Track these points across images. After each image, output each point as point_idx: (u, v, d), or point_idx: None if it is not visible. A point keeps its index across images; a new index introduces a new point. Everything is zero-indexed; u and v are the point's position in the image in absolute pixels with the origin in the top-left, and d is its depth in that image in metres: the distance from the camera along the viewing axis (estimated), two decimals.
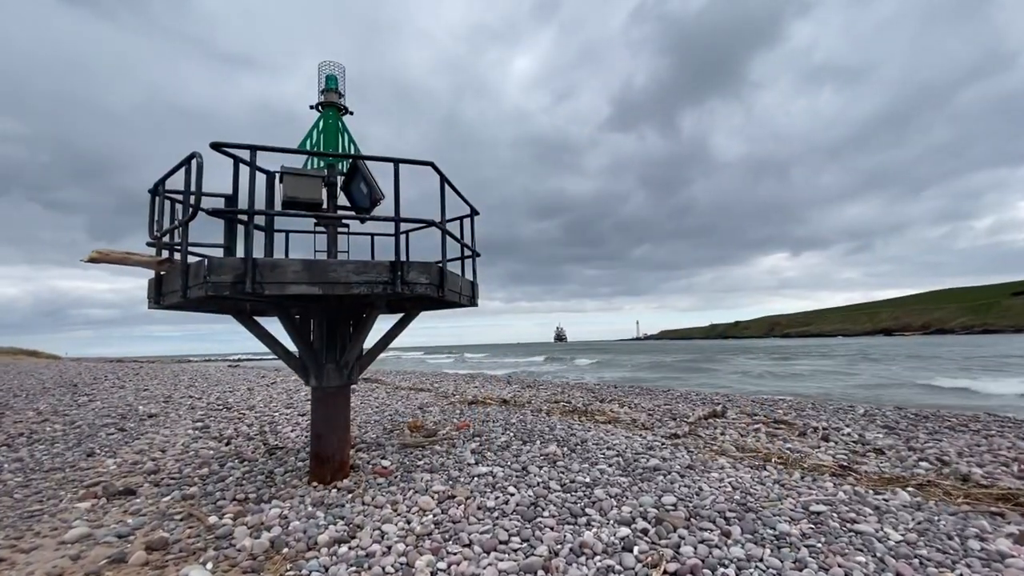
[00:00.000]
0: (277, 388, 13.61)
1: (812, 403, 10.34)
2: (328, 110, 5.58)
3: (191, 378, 18.28)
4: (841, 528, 3.00)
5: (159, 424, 8.63)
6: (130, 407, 10.90)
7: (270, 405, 10.30)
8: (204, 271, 3.68)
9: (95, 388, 15.98)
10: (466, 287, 5.39)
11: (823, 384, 18.16)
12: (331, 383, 4.94)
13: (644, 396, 11.44)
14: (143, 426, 8.49)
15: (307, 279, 3.90)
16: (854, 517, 3.16)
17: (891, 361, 29.70)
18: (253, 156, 3.82)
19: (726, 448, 5.05)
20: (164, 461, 5.94)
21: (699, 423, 6.90)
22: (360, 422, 7.55)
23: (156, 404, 11.30)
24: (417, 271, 4.19)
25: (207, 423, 8.47)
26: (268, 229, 4.79)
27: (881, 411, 9.04)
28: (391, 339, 5.61)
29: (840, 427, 7.03)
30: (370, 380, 14.40)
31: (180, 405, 11.06)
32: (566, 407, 7.94)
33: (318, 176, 5.12)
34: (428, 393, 10.94)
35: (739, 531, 3.02)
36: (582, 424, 6.52)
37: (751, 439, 5.88)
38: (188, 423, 8.61)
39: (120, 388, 15.63)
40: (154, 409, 10.46)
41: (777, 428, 6.75)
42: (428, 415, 7.70)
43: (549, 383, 15.69)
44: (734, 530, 3.02)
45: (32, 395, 14.57)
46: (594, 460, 4.64)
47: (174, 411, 10.22)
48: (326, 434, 4.95)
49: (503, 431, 6.12)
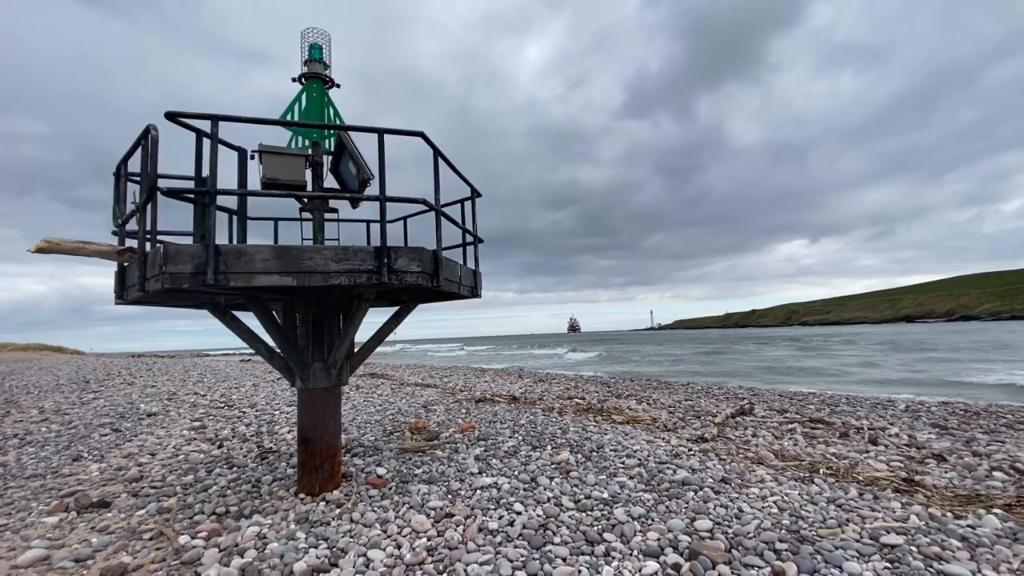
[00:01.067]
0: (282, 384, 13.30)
1: (846, 397, 9.63)
2: (312, 82, 5.04)
3: (200, 374, 18.15)
4: (926, 569, 2.40)
5: (156, 424, 8.30)
6: (132, 405, 10.65)
7: (272, 403, 9.95)
8: (160, 261, 3.19)
9: (105, 384, 15.90)
10: (467, 276, 4.85)
11: (850, 375, 17.31)
12: (318, 384, 4.46)
13: (663, 391, 10.83)
14: (140, 426, 8.17)
15: (278, 268, 3.39)
16: (939, 552, 2.55)
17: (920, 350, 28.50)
18: (215, 128, 3.30)
19: (763, 455, 4.46)
20: (151, 466, 5.56)
21: (727, 422, 6.29)
22: (360, 422, 7.11)
23: (159, 402, 11.04)
24: (407, 258, 3.65)
25: (205, 423, 8.11)
26: (240, 214, 4.29)
27: (925, 407, 8.31)
28: (386, 334, 5.11)
29: (884, 425, 6.37)
30: (376, 375, 14.02)
31: (183, 403, 10.78)
32: (580, 405, 7.38)
33: (301, 155, 4.60)
34: (435, 389, 10.47)
35: (795, 570, 2.44)
36: (597, 425, 5.96)
37: (788, 442, 5.27)
38: (186, 422, 8.27)
39: (129, 384, 15.52)
40: (155, 407, 10.18)
41: (814, 428, 6.11)
42: (432, 414, 7.21)
43: (562, 377, 15.14)
44: (789, 569, 2.44)
45: (43, 392, 14.52)
46: (612, 471, 4.08)
47: (175, 409, 9.92)
48: (314, 440, 4.48)
49: (511, 434, 5.59)
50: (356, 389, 10.89)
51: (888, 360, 22.50)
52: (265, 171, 4.32)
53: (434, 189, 4.10)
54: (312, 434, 4.48)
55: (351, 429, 6.81)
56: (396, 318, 5.13)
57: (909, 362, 21.00)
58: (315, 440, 4.47)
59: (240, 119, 3.40)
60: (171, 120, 3.32)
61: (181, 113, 3.31)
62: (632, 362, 27.57)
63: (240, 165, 4.19)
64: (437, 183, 4.09)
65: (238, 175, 4.19)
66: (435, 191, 4.10)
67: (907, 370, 17.86)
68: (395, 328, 5.15)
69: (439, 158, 4.10)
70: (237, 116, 3.39)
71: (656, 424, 6.21)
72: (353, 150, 4.95)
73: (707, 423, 6.25)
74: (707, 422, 6.36)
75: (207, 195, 3.31)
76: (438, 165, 4.11)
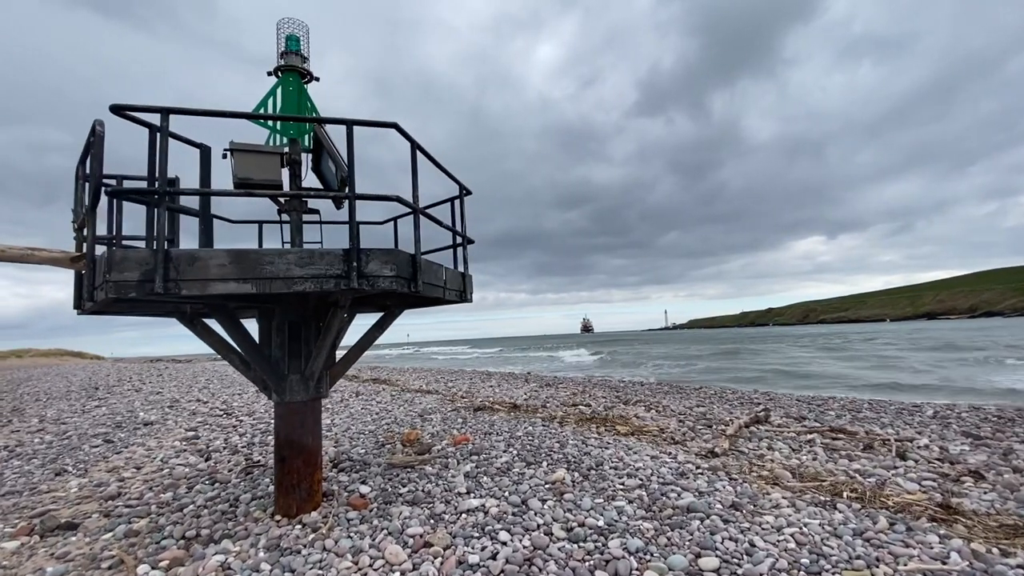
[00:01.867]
0: None
1: (868, 402, 9.08)
2: (288, 75, 4.76)
3: (208, 379, 18.10)
4: None
5: (151, 434, 8.12)
6: (132, 413, 10.53)
7: (271, 411, 9.73)
8: (104, 268, 2.91)
9: (113, 391, 15.91)
10: (453, 279, 4.52)
11: (870, 377, 16.62)
12: (295, 397, 4.17)
13: (673, 396, 10.38)
14: (134, 436, 7.99)
15: (236, 275, 3.09)
16: None
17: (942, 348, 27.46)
18: (164, 121, 3.02)
19: (779, 473, 4.03)
20: (132, 482, 5.34)
21: (740, 432, 5.86)
22: (354, 433, 6.81)
23: (159, 410, 10.92)
24: (379, 261, 3.33)
25: (200, 432, 7.90)
26: (204, 216, 4.00)
27: (955, 412, 7.76)
28: (369, 342, 4.80)
29: (911, 435, 5.88)
30: (379, 381, 13.76)
31: (183, 411, 10.64)
32: (582, 415, 6.99)
33: (276, 153, 4.31)
34: (435, 396, 10.15)
35: None
36: (599, 438, 5.58)
37: (806, 456, 4.83)
38: (181, 432, 8.07)
39: (136, 391, 15.49)
40: (154, 416, 10.04)
41: (836, 438, 5.65)
42: (428, 424, 6.89)
43: (570, 381, 14.72)
44: None
45: (51, 399, 14.55)
46: (611, 493, 3.70)
47: (174, 418, 9.76)
48: (291, 458, 4.19)
49: (506, 447, 5.24)
50: (356, 396, 10.64)
51: (910, 359, 21.65)
52: (237, 170, 4.04)
53: (412, 186, 3.78)
54: (288, 451, 4.19)
55: (343, 440, 6.52)
56: (380, 325, 4.82)
57: (932, 361, 20.16)
58: (292, 458, 4.18)
59: (193, 111, 3.11)
60: (116, 114, 3.04)
61: (127, 106, 3.03)
62: (643, 364, 27.02)
63: (203, 163, 3.91)
64: (415, 179, 3.76)
65: (200, 173, 3.90)
66: (413, 188, 3.77)
67: (931, 370, 17.10)
68: (379, 336, 4.84)
69: (416, 151, 3.77)
70: (188, 108, 3.10)
71: (663, 435, 5.81)
72: (330, 146, 4.65)
73: (719, 434, 5.83)
74: (719, 432, 5.93)
75: (156, 195, 3.02)
76: (416, 160, 3.79)
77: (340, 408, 9.13)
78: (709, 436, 5.81)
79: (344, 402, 9.85)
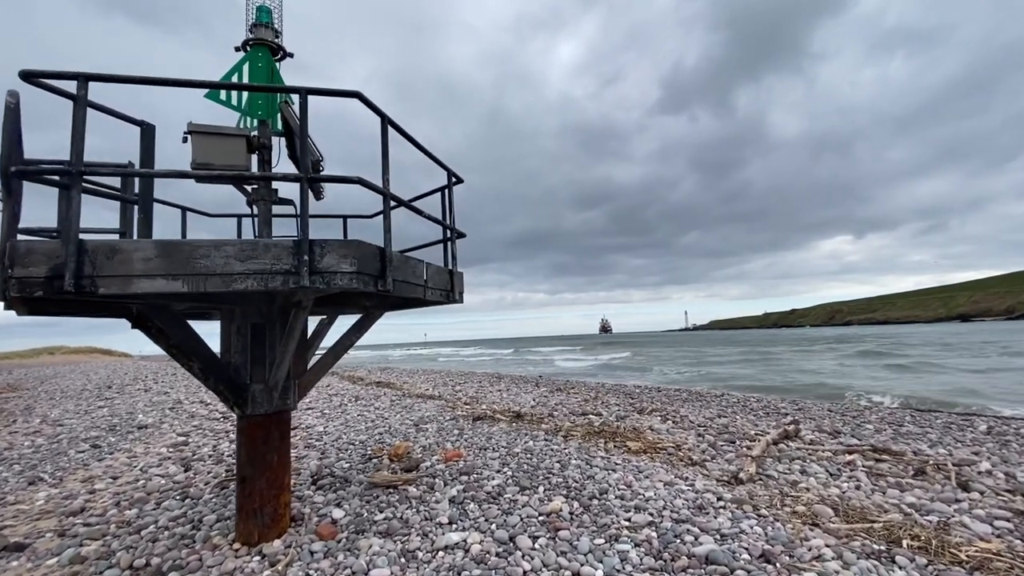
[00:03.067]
0: None
1: (910, 414, 8.25)
2: (258, 49, 4.30)
3: None
4: None
5: (141, 438, 7.81)
6: (130, 415, 10.31)
7: None
8: (7, 263, 2.45)
9: (123, 390, 15.88)
10: (437, 278, 3.98)
11: (905, 383, 15.55)
12: (258, 410, 3.69)
13: (692, 404, 9.67)
14: (124, 441, 7.69)
15: (164, 270, 2.60)
16: None
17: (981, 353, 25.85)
18: (83, 89, 2.55)
19: (817, 509, 3.38)
20: (102, 495, 4.96)
21: (768, 451, 5.19)
22: (344, 443, 6.34)
23: (159, 412, 10.68)
24: (336, 255, 2.81)
25: (191, 437, 7.54)
26: (143, 203, 3.54)
27: (1012, 426, 6.92)
28: (346, 347, 4.32)
29: (968, 456, 5.13)
30: (383, 384, 13.34)
31: (182, 412, 10.37)
32: (590, 426, 6.37)
33: (240, 136, 3.83)
34: (437, 402, 9.64)
35: None
36: (606, 456, 4.97)
37: (847, 484, 4.15)
38: (172, 437, 7.73)
39: (145, 391, 15.43)
40: (152, 418, 9.78)
41: (879, 460, 4.94)
42: (422, 435, 6.38)
43: (583, 385, 14.08)
44: None
45: (64, 398, 14.55)
46: (614, 531, 3.11)
47: (171, 420, 9.47)
48: (253, 479, 3.71)
49: (500, 466, 4.68)
50: (355, 400, 10.20)
51: (947, 363, 20.34)
52: (195, 154, 3.58)
53: (382, 168, 3.25)
54: (250, 471, 3.71)
55: (330, 451, 6.05)
56: (358, 328, 4.32)
57: (972, 366, 18.86)
58: (254, 479, 3.70)
59: (114, 78, 2.64)
60: (27, 81, 2.58)
61: (40, 72, 2.56)
62: (661, 367, 26.14)
63: (144, 143, 3.45)
64: (385, 160, 3.23)
65: (141, 155, 3.44)
66: (383, 170, 3.24)
67: (972, 375, 15.92)
68: (357, 339, 4.34)
69: (387, 127, 3.24)
70: (111, 75, 2.63)
71: (680, 454, 5.17)
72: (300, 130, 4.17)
73: (743, 453, 5.17)
74: (743, 451, 5.27)
75: (68, 176, 2.55)
76: (386, 136, 3.26)
77: (337, 414, 8.70)
78: (732, 455, 5.15)
79: (342, 407, 9.42)
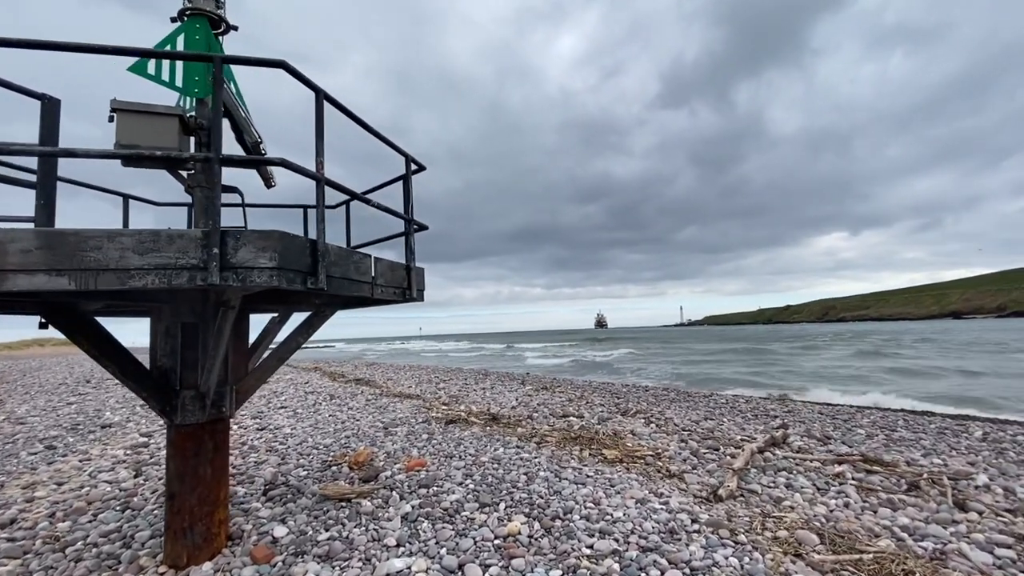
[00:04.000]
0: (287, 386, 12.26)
1: (903, 418, 7.96)
2: (195, 20, 3.87)
3: None
4: None
5: (101, 438, 7.41)
6: (98, 412, 9.88)
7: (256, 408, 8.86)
8: None
9: (101, 384, 15.38)
10: (390, 274, 3.60)
11: (895, 382, 15.35)
12: (189, 419, 3.33)
13: (679, 405, 9.36)
14: (83, 441, 7.29)
15: (46, 264, 2.23)
16: None
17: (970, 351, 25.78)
18: None
19: (801, 536, 3.04)
20: (39, 504, 4.58)
21: (753, 460, 4.86)
22: (307, 448, 5.97)
23: (129, 408, 10.24)
24: (253, 247, 2.43)
25: (152, 439, 7.14)
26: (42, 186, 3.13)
27: (1009, 434, 6.64)
28: (291, 350, 3.93)
29: (964, 467, 4.83)
30: (362, 382, 12.95)
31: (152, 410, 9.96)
32: (567, 432, 6.01)
33: (172, 115, 3.40)
34: (414, 402, 9.27)
35: None
36: (579, 466, 4.63)
37: (836, 501, 3.83)
38: (134, 438, 7.33)
39: (121, 386, 14.96)
40: (119, 416, 9.36)
41: (870, 471, 4.63)
42: (390, 439, 6.01)
43: (568, 383, 13.76)
44: None
45: (40, 392, 14.05)
46: (573, 562, 2.76)
47: (137, 419, 9.06)
48: (182, 495, 3.35)
49: (463, 478, 4.33)
50: (330, 399, 9.82)
51: (933, 360, 20.20)
52: (120, 134, 3.16)
53: (316, 150, 2.87)
54: (179, 486, 3.34)
55: (291, 456, 5.68)
56: (307, 327, 3.93)
57: (960, 365, 18.70)
58: (184, 494, 3.34)
59: None
60: None
61: None
62: (652, 364, 25.92)
63: (44, 119, 3.04)
64: (320, 138, 2.84)
65: (41, 133, 3.03)
66: (316, 152, 2.85)
67: (960, 375, 15.75)
68: (305, 339, 3.96)
69: (323, 102, 2.85)
70: None
71: (658, 462, 4.84)
72: (233, 106, 3.77)
73: (726, 463, 4.84)
74: (726, 460, 4.95)
75: None
76: (322, 113, 2.87)
77: (309, 414, 8.32)
78: (715, 465, 4.82)
79: (316, 406, 9.04)
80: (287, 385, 12.89)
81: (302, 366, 21.10)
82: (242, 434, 7.10)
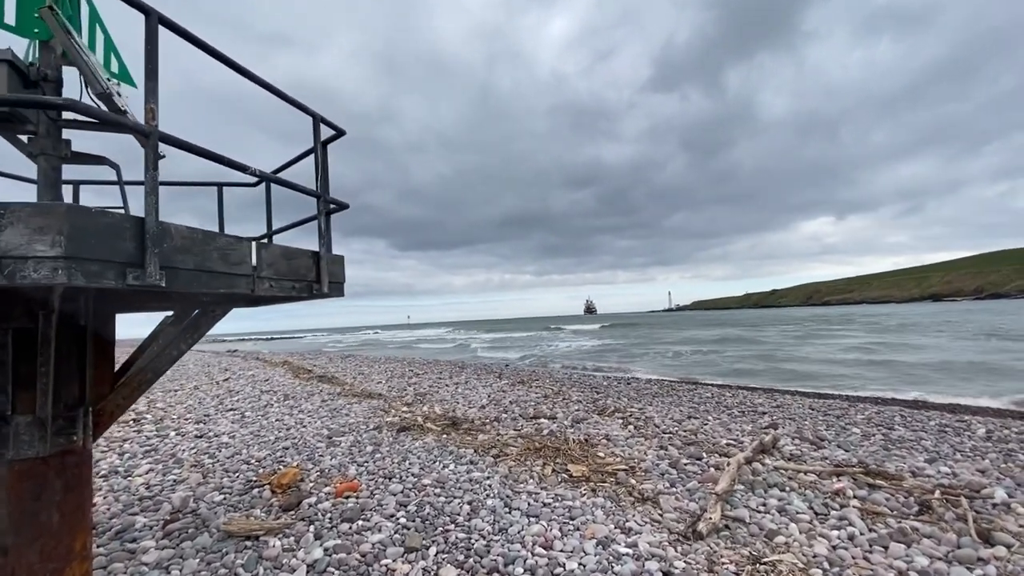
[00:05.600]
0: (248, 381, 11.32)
1: (900, 413, 7.44)
2: None
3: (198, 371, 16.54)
4: None
5: None
6: None
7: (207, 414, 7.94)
8: None
9: None
10: (285, 265, 2.84)
11: (884, 369, 14.98)
12: (25, 452, 2.56)
13: (662, 400, 8.75)
14: None
15: None
16: None
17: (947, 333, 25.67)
18: None
19: None
20: None
21: (739, 476, 4.23)
22: (238, 462, 5.22)
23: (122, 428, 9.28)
24: (27, 228, 1.65)
25: None
26: None
27: (1015, 431, 6.12)
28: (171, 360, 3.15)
29: (972, 476, 4.26)
30: (325, 379, 12.15)
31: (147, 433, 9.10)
32: (531, 442, 5.30)
33: None
34: (374, 402, 8.53)
35: None
36: (536, 489, 3.95)
37: (837, 532, 3.21)
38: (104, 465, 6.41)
39: None
40: None
41: (873, 487, 4.02)
42: (330, 452, 5.28)
43: (547, 376, 13.11)
44: None
45: None
46: None
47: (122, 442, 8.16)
48: (18, 548, 2.59)
49: (396, 508, 3.62)
50: (283, 400, 9.04)
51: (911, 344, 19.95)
52: None
53: (145, 93, 2.08)
54: (15, 538, 2.58)
55: (215, 472, 4.94)
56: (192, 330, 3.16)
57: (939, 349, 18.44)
58: (20, 548, 2.57)
59: None
60: None
61: None
62: (639, 354, 25.47)
63: None
64: (152, 77, 2.05)
65: None
66: (146, 98, 2.07)
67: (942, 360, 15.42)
68: (187, 348, 3.19)
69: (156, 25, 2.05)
70: None
71: (631, 479, 4.18)
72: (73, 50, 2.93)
73: (708, 479, 4.20)
74: (708, 475, 4.31)
75: None
76: (155, 40, 2.07)
77: (256, 417, 7.55)
78: (696, 482, 4.18)
79: (265, 408, 8.26)
80: (247, 383, 12.06)
81: (274, 360, 20.21)
82: (176, 443, 6.31)
